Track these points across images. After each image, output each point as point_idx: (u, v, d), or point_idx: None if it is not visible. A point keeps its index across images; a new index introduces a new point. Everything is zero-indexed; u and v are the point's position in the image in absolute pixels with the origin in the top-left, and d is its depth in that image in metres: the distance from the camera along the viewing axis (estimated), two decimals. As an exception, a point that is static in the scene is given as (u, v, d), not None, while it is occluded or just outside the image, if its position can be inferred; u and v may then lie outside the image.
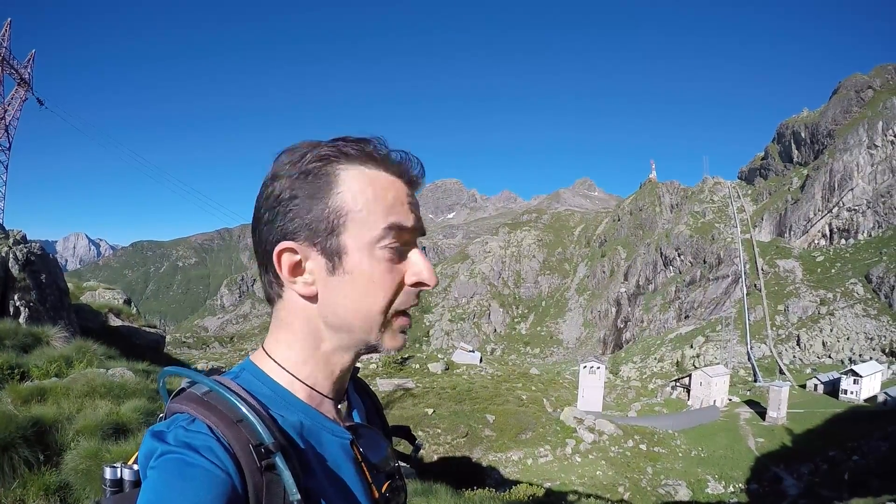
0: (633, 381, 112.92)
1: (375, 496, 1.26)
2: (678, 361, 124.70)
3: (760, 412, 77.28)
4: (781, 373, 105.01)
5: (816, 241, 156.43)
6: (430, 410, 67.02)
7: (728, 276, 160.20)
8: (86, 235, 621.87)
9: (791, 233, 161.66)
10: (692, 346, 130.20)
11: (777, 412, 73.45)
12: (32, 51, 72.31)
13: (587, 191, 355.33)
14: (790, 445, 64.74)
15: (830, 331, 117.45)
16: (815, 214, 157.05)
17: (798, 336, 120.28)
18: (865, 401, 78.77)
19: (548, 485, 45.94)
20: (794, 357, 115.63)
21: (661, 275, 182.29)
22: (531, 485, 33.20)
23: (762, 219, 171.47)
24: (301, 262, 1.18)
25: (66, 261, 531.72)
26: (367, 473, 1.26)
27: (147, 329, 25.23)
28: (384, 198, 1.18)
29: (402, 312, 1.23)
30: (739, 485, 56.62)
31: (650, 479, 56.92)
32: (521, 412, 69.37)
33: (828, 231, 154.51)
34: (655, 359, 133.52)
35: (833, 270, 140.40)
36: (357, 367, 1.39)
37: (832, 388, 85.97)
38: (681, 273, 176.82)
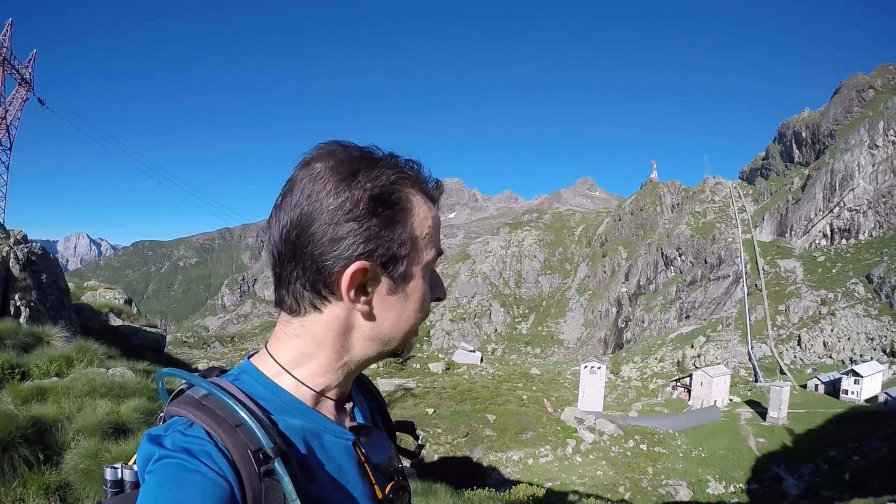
0: (634, 381, 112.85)
1: (379, 497, 1.26)
2: (679, 361, 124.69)
3: (761, 412, 77.28)
4: (782, 373, 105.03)
5: (817, 241, 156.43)
6: (431, 410, 66.98)
7: (729, 276, 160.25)
8: (87, 235, 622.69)
9: (792, 233, 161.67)
10: (693, 346, 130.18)
11: (778, 412, 73.45)
12: (33, 51, 72.28)
13: (588, 190, 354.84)
14: (791, 446, 64.75)
15: (831, 331, 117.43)
16: (816, 214, 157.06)
17: (799, 336, 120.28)
18: (866, 401, 78.77)
19: (548, 485, 45.98)
20: (795, 357, 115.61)
21: (662, 275, 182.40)
22: (531, 485, 33.24)
23: (763, 219, 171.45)
24: (367, 283, 1.17)
25: (67, 261, 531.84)
26: (371, 474, 1.26)
27: (148, 329, 25.25)
28: (436, 225, 1.24)
29: None
30: (740, 485, 56.59)
31: (651, 479, 56.87)
32: (522, 412, 69.33)
33: (829, 231, 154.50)
34: (656, 359, 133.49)
35: (834, 270, 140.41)
36: None
37: (833, 389, 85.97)
38: (682, 273, 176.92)
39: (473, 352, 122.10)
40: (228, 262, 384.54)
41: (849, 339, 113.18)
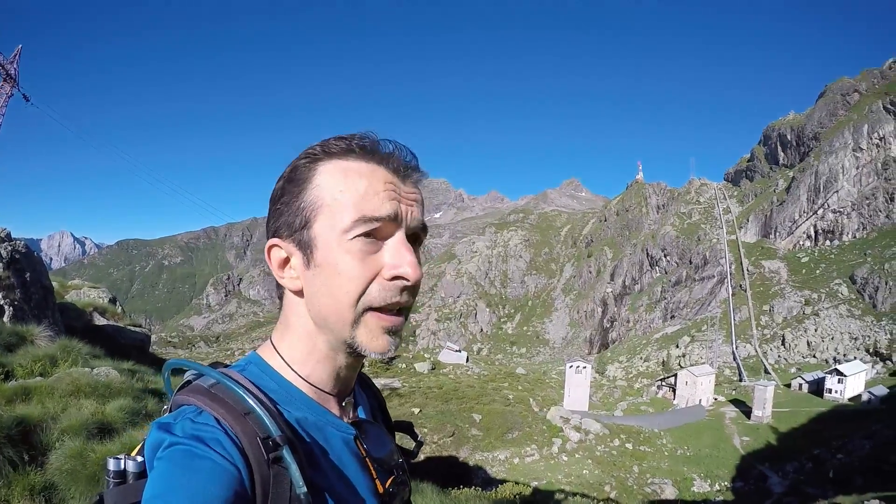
0: (619, 381, 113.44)
1: (380, 491, 1.26)
2: (664, 361, 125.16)
3: (746, 411, 77.73)
4: (766, 372, 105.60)
5: (801, 243, 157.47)
6: (417, 410, 66.78)
7: (714, 277, 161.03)
8: (71, 233, 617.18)
9: (776, 234, 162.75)
10: (678, 346, 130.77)
11: (762, 411, 73.89)
12: (19, 46, 71.31)
13: (574, 191, 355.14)
14: (775, 444, 65.10)
15: (815, 331, 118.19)
16: (801, 216, 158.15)
17: (783, 336, 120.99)
18: (850, 400, 79.31)
19: (534, 484, 45.93)
20: (779, 357, 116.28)
21: (648, 275, 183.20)
22: (518, 484, 33.24)
23: (748, 220, 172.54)
24: (288, 259, 1.19)
25: (51, 259, 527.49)
26: (372, 469, 1.26)
27: (132, 328, 25.01)
28: (355, 188, 1.16)
29: (382, 310, 1.18)
30: (725, 483, 56.80)
31: (636, 478, 57.00)
32: (508, 412, 69.29)
33: (813, 232, 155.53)
34: (641, 358, 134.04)
35: (818, 271, 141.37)
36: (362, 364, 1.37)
37: (817, 388, 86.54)
38: (667, 273, 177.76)
39: (459, 351, 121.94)
40: (213, 261, 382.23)
41: (832, 339, 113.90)
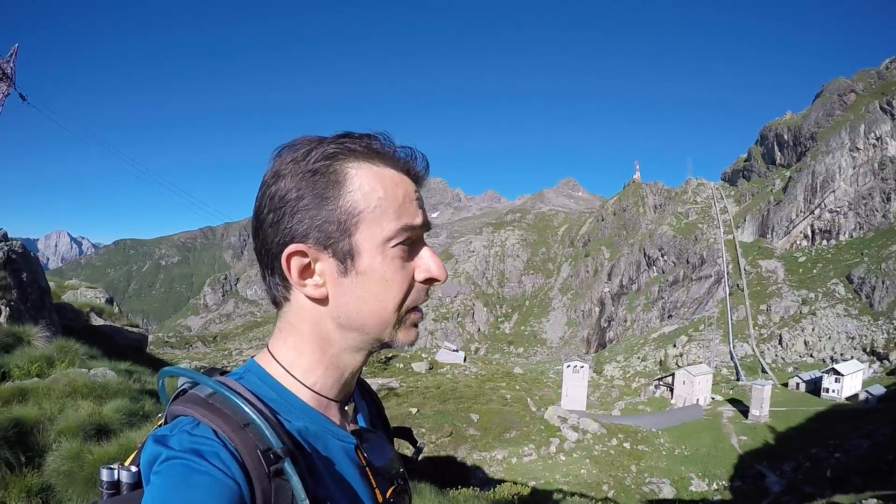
0: (617, 380, 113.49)
1: (380, 500, 1.24)
2: (661, 360, 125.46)
3: (743, 410, 77.79)
4: (764, 371, 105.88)
5: (798, 242, 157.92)
6: (414, 410, 66.70)
7: (711, 277, 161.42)
8: (67, 233, 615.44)
9: (773, 234, 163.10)
10: (675, 346, 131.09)
11: (760, 410, 73.94)
12: (15, 45, 71.07)
13: (571, 191, 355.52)
14: (773, 443, 65.14)
15: (812, 330, 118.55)
16: (798, 216, 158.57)
17: (780, 335, 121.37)
18: (847, 399, 79.59)
19: (532, 483, 45.88)
20: (777, 356, 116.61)
21: (645, 275, 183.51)
22: (515, 483, 33.17)
23: (745, 220, 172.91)
24: (311, 265, 1.14)
25: (48, 259, 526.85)
26: (372, 478, 1.24)
27: (129, 328, 24.91)
28: (395, 196, 1.15)
29: (415, 308, 1.21)
30: (723, 482, 56.83)
31: (634, 478, 56.99)
32: (506, 411, 69.25)
33: (810, 232, 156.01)
34: (639, 358, 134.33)
35: (815, 271, 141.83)
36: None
37: (814, 387, 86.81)
38: (664, 273, 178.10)
39: (456, 351, 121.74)
40: (211, 261, 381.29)
41: (829, 339, 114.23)
